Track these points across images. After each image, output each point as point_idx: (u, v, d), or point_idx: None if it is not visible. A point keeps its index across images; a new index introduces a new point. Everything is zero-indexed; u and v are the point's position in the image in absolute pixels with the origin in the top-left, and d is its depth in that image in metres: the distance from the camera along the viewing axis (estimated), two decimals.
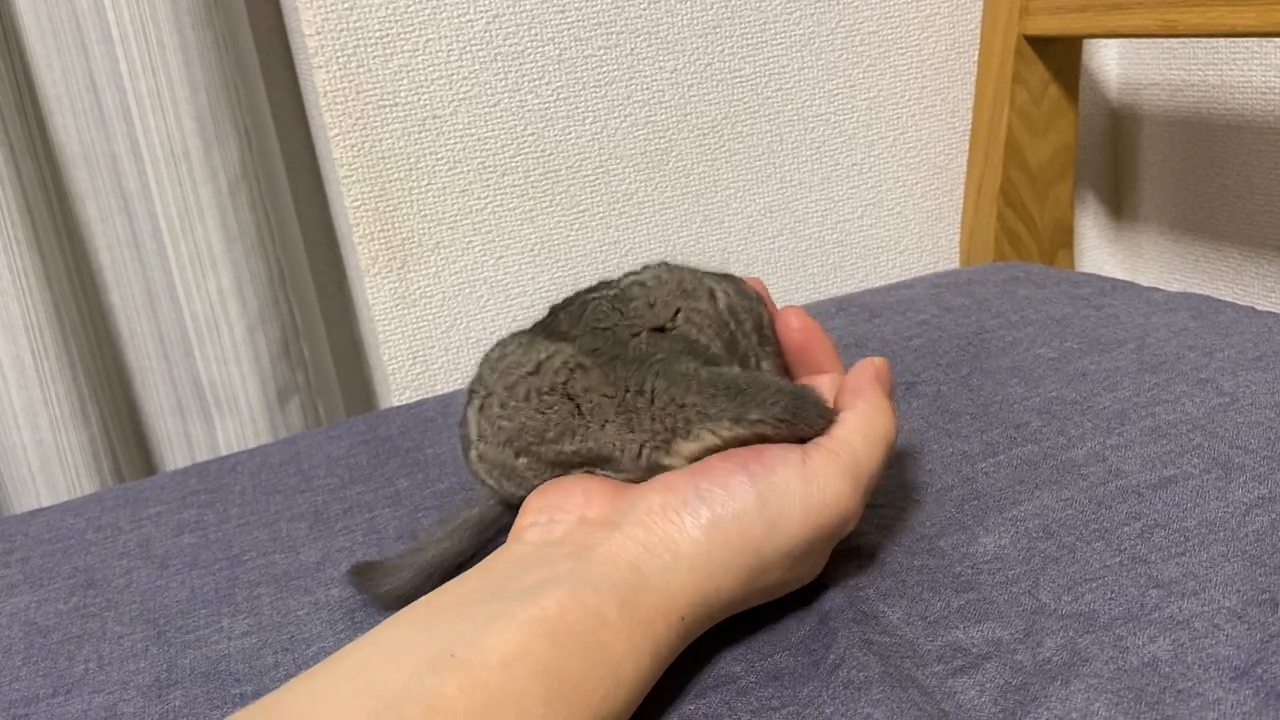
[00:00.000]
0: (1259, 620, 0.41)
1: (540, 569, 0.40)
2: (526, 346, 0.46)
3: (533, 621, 0.36)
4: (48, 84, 0.83)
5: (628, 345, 0.45)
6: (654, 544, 0.40)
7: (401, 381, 0.93)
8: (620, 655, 0.37)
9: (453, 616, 0.38)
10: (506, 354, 0.46)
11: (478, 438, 0.47)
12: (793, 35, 0.98)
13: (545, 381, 0.44)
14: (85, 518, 0.64)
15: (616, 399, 0.44)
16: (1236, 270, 1.06)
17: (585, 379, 0.44)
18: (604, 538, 0.41)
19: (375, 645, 0.37)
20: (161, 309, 0.90)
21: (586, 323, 0.46)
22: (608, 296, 0.48)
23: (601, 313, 0.47)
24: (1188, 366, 0.62)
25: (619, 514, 0.42)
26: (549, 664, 0.36)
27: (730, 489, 0.41)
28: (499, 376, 0.46)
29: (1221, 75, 1.02)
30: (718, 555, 0.40)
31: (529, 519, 0.44)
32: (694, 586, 0.40)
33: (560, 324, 0.48)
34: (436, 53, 0.86)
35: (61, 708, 0.46)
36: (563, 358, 0.45)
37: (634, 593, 0.39)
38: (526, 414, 0.45)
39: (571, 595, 0.38)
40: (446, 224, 0.91)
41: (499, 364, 0.46)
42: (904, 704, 0.39)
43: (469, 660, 0.35)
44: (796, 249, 1.05)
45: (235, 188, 0.86)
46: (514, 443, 0.45)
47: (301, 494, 0.63)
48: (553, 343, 0.46)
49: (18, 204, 0.80)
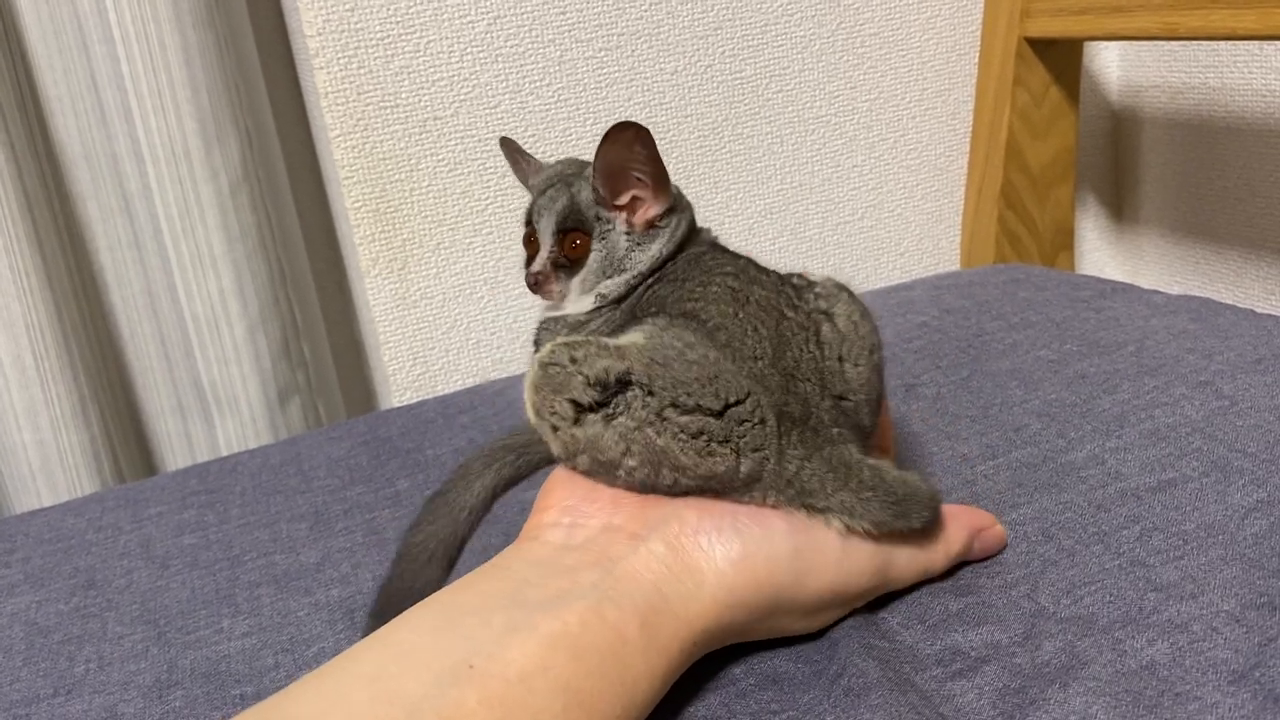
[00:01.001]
0: (1257, 624, 0.41)
1: (562, 577, 0.39)
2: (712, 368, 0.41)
3: (554, 635, 0.36)
4: (49, 84, 0.83)
5: (810, 412, 0.43)
6: (679, 568, 0.40)
7: (402, 382, 0.94)
8: (637, 675, 0.37)
9: (472, 623, 0.37)
10: (689, 356, 0.42)
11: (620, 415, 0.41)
12: (794, 37, 0.99)
13: (722, 431, 0.41)
14: (86, 518, 0.64)
15: (773, 463, 0.41)
16: (1237, 273, 1.06)
17: (757, 436, 0.41)
18: (628, 551, 0.40)
19: (391, 649, 0.36)
20: (162, 309, 0.90)
21: (783, 365, 0.43)
22: (803, 327, 0.44)
23: (797, 359, 0.43)
24: (1187, 369, 0.62)
25: (647, 526, 0.41)
26: (568, 681, 0.35)
27: (769, 530, 0.41)
28: (672, 386, 0.41)
29: (1222, 78, 1.02)
30: (740, 592, 0.40)
31: (550, 516, 0.43)
32: (713, 616, 0.40)
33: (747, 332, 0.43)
34: (438, 54, 0.87)
35: (62, 708, 0.46)
36: (749, 411, 0.41)
37: (655, 614, 0.38)
38: (682, 446, 0.41)
39: (593, 610, 0.37)
40: (447, 225, 0.91)
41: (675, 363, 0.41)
42: (902, 708, 0.39)
43: (488, 673, 0.34)
44: (797, 250, 1.05)
45: (236, 188, 0.86)
46: (649, 457, 0.41)
47: (302, 495, 0.63)
48: (742, 376, 0.42)
49: (19, 204, 0.80)
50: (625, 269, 0.48)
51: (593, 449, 0.42)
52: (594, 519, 0.42)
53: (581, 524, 0.42)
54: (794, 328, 0.44)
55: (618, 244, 0.48)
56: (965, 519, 0.47)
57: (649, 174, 0.47)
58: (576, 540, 0.41)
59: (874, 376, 0.46)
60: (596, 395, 0.41)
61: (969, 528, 0.47)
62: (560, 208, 0.48)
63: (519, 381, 0.77)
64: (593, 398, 0.41)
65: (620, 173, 0.47)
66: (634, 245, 0.48)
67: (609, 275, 0.48)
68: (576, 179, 0.49)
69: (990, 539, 0.48)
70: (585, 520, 0.42)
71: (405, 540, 0.48)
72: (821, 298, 0.46)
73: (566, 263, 0.48)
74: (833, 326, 0.45)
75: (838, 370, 0.44)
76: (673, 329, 0.43)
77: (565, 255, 0.48)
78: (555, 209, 0.48)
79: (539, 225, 0.49)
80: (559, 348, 0.42)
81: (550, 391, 0.42)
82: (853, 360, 0.45)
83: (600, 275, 0.48)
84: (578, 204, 0.48)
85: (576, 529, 0.42)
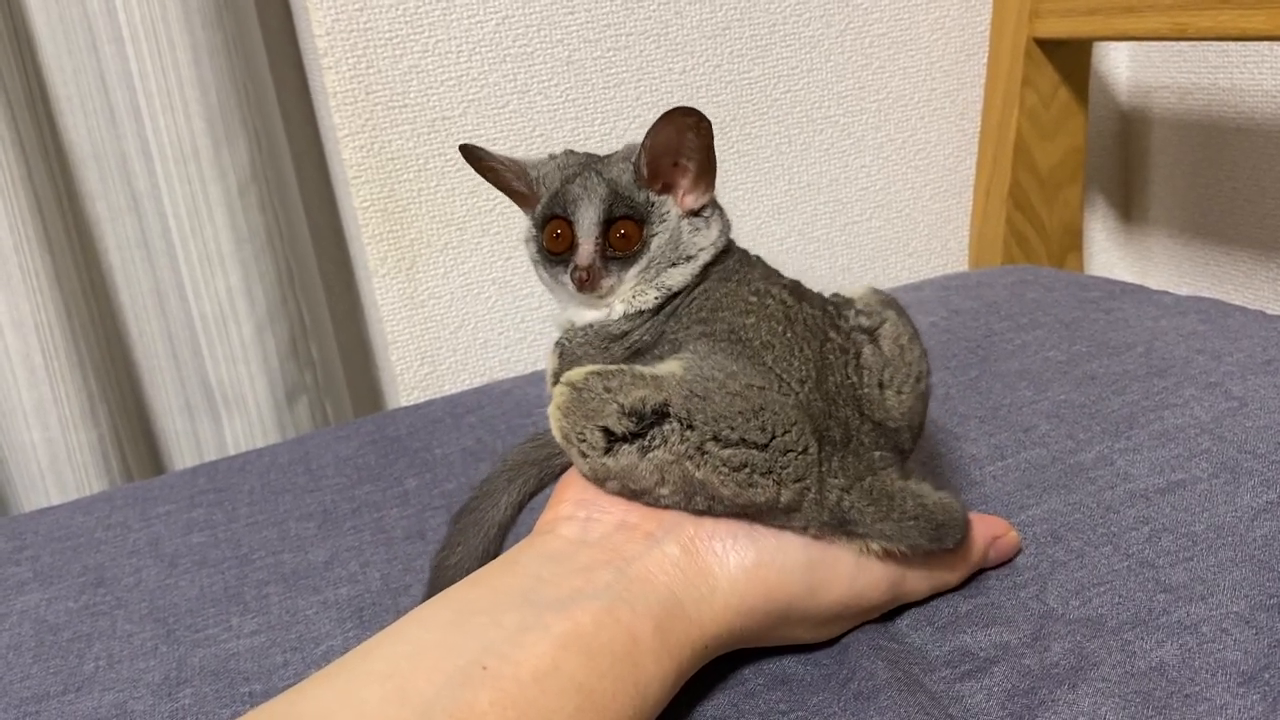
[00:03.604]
0: (1267, 625, 0.41)
1: (575, 576, 0.39)
2: (757, 398, 0.40)
3: (566, 635, 0.36)
4: (59, 84, 0.83)
5: (851, 436, 0.42)
6: (692, 572, 0.40)
7: (410, 382, 0.94)
8: (649, 677, 0.37)
9: (484, 621, 0.37)
10: (731, 387, 0.40)
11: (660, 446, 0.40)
12: (802, 37, 0.98)
13: (766, 463, 0.40)
14: (95, 516, 0.64)
15: (814, 493, 0.41)
16: (1247, 274, 1.06)
17: (799, 466, 0.40)
18: (643, 551, 0.40)
19: (403, 646, 0.36)
20: (170, 308, 0.90)
21: (825, 389, 0.42)
22: (844, 350, 0.43)
23: (839, 384, 0.42)
24: (1197, 370, 0.61)
25: (662, 527, 0.41)
26: (580, 682, 0.35)
27: (783, 541, 0.41)
28: (714, 420, 0.39)
29: (1232, 78, 1.02)
30: (751, 599, 0.40)
31: (565, 510, 0.43)
32: (724, 622, 0.40)
33: (794, 353, 0.42)
34: (446, 54, 0.87)
35: (72, 705, 0.47)
36: (794, 441, 0.40)
37: (669, 618, 0.38)
38: (723, 479, 0.40)
39: (607, 611, 0.37)
40: (455, 225, 0.91)
41: (715, 395, 0.40)
42: (912, 709, 0.39)
43: (500, 673, 0.34)
44: (805, 251, 1.05)
45: (244, 188, 0.87)
46: (685, 487, 0.40)
47: (310, 493, 0.63)
48: (789, 405, 0.40)
49: (28, 203, 0.80)
50: (690, 256, 0.45)
51: (625, 478, 0.41)
52: (609, 514, 0.42)
53: (597, 519, 0.42)
54: (836, 350, 0.43)
55: (680, 228, 0.45)
56: (982, 528, 0.46)
57: (698, 162, 0.44)
58: (592, 536, 0.41)
59: (918, 405, 0.44)
60: (631, 425, 0.40)
61: (985, 537, 0.46)
62: (604, 195, 0.44)
63: (525, 383, 0.78)
64: (627, 427, 0.40)
65: (667, 155, 0.44)
66: (694, 230, 0.45)
67: (674, 263, 0.45)
68: (605, 165, 0.45)
69: (1005, 546, 0.47)
70: (600, 515, 0.42)
71: (439, 563, 0.47)
72: (863, 314, 0.44)
73: (616, 254, 0.44)
74: (875, 349, 0.43)
75: (877, 398, 0.43)
76: (713, 357, 0.41)
77: (613, 246, 0.44)
78: (597, 197, 0.44)
79: (576, 216, 0.44)
80: (592, 376, 0.41)
81: (581, 417, 0.41)
82: (895, 387, 0.43)
83: (665, 263, 0.45)
84: (621, 189, 0.44)
85: (592, 524, 0.42)
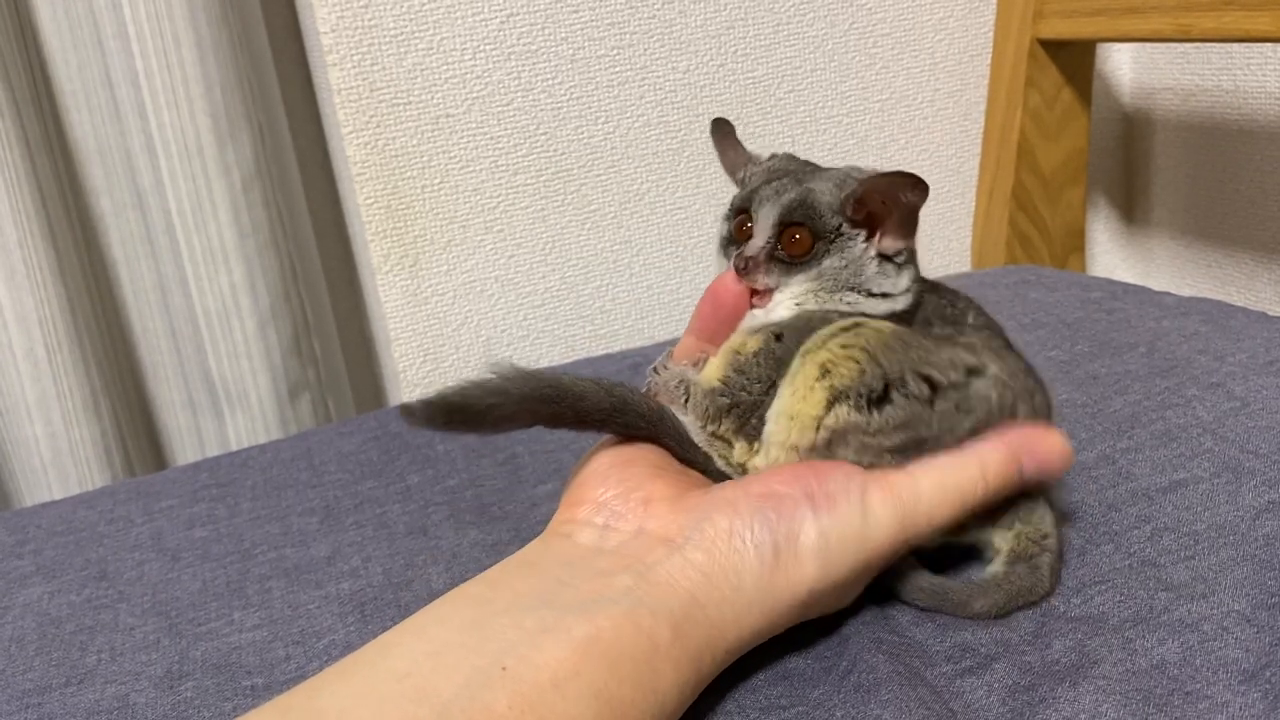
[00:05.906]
0: (1268, 624, 0.41)
1: (595, 580, 0.38)
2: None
3: (587, 639, 0.35)
4: (64, 79, 0.84)
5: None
6: (716, 573, 0.39)
7: (412, 379, 0.94)
8: (669, 684, 0.37)
9: (504, 622, 0.36)
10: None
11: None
12: (806, 37, 0.99)
13: None
14: (98, 510, 0.64)
15: None
16: (1249, 275, 1.06)
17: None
18: (664, 556, 0.39)
19: (422, 644, 0.36)
20: (174, 304, 0.91)
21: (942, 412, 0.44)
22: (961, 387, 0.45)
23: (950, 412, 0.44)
24: (1199, 371, 0.61)
25: (682, 533, 0.40)
26: (600, 688, 0.35)
27: (795, 521, 0.40)
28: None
29: (1235, 80, 1.02)
30: (776, 589, 0.40)
31: (582, 513, 0.42)
32: (749, 624, 0.39)
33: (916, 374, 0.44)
34: (450, 51, 0.87)
35: (74, 698, 0.47)
36: None
37: (690, 623, 0.38)
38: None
39: (627, 616, 0.37)
40: (458, 222, 0.91)
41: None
42: (912, 703, 0.39)
43: (520, 676, 0.34)
44: None
45: (248, 184, 0.87)
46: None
47: (312, 489, 0.64)
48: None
49: (33, 198, 0.80)
50: (877, 291, 0.47)
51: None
52: (628, 522, 0.41)
53: (615, 526, 0.41)
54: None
55: (863, 261, 0.47)
56: (1002, 435, 0.43)
57: (900, 216, 0.46)
58: (610, 544, 0.41)
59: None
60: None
61: (1007, 443, 0.43)
62: (789, 201, 0.46)
63: None
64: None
65: (877, 194, 0.46)
66: (880, 270, 0.47)
67: (852, 289, 0.47)
68: (812, 178, 0.47)
69: (1044, 453, 0.44)
70: (618, 524, 0.41)
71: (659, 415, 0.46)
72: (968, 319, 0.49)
73: (785, 256, 0.46)
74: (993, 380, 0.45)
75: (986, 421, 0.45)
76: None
77: (784, 248, 0.46)
78: (782, 201, 0.46)
79: (758, 213, 0.47)
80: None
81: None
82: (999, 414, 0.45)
83: (838, 285, 0.46)
84: (813, 202, 0.46)
85: (610, 532, 0.41)
